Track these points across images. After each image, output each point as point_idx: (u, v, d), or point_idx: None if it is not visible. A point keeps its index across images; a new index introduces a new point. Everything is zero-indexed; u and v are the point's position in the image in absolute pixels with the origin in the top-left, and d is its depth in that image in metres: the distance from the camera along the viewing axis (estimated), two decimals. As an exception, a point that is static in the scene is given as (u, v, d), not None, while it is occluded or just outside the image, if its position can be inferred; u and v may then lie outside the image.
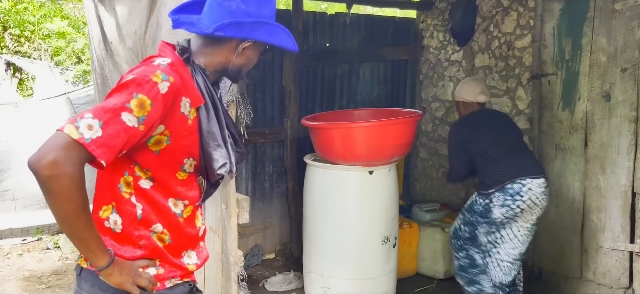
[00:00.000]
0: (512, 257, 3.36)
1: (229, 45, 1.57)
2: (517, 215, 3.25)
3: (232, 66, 1.61)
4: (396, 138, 3.45)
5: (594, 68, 3.71)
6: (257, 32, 1.55)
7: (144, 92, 1.37)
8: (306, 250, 3.69)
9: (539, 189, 3.20)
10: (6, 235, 4.82)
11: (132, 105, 1.36)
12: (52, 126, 4.99)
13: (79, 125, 1.30)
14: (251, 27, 1.53)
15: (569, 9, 3.85)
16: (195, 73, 1.55)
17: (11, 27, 5.09)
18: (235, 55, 1.58)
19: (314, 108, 4.68)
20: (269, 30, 1.57)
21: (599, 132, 3.70)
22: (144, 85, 1.38)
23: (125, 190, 1.51)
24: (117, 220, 1.53)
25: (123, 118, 1.35)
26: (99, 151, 1.30)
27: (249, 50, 1.60)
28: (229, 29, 1.50)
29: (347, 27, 4.76)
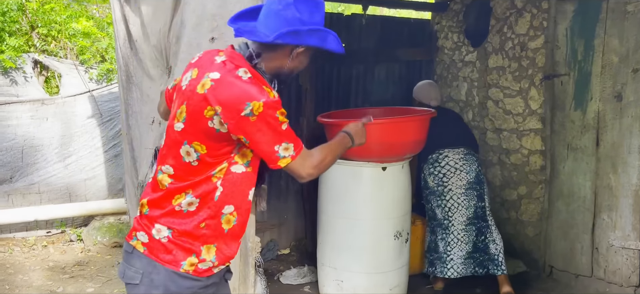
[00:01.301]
0: (464, 223, 3.86)
1: (284, 51, 1.71)
2: (447, 180, 3.86)
3: (287, 69, 1.75)
4: (409, 135, 3.54)
5: (606, 69, 3.76)
6: (311, 39, 1.69)
7: (278, 107, 1.62)
8: (320, 244, 3.79)
9: (456, 156, 3.89)
10: (32, 227, 4.99)
11: (281, 119, 1.64)
12: (77, 122, 5.12)
13: (284, 155, 1.66)
14: (306, 34, 1.67)
15: (582, 10, 3.91)
16: (263, 76, 1.70)
17: (39, 27, 5.28)
18: (290, 59, 1.73)
19: (330, 107, 4.77)
20: (321, 36, 1.71)
21: (611, 132, 3.75)
22: (273, 105, 1.60)
23: (216, 175, 1.68)
24: (193, 201, 1.68)
25: (285, 129, 1.66)
26: (299, 149, 1.70)
27: (302, 54, 1.74)
28: (287, 37, 1.64)
29: (363, 28, 4.85)
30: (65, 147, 5.12)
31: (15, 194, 4.92)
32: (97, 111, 5.23)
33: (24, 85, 5.02)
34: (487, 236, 3.88)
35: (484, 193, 3.93)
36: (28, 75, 5.05)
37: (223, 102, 1.59)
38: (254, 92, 1.59)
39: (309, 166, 1.73)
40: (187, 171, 1.68)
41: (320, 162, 1.77)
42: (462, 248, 3.87)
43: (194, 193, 1.68)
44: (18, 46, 4.91)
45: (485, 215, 3.90)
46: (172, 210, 1.69)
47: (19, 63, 4.95)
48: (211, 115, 1.61)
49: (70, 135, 5.14)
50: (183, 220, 1.68)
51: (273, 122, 1.61)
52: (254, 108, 1.57)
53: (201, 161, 1.67)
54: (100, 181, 5.28)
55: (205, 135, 1.65)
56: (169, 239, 1.69)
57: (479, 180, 3.90)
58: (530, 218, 4.40)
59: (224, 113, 1.59)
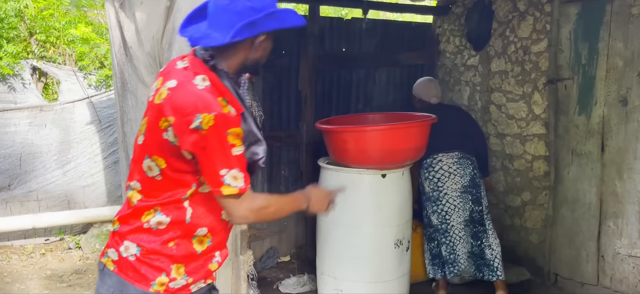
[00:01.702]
0: (461, 225, 3.81)
1: (244, 45, 1.59)
2: (442, 184, 3.82)
3: (251, 61, 1.64)
4: (409, 141, 3.47)
5: (611, 73, 3.68)
6: (269, 23, 1.57)
7: (230, 125, 1.49)
8: (319, 252, 3.73)
9: (450, 160, 3.83)
10: (30, 235, 4.95)
11: (232, 140, 1.50)
12: (75, 129, 5.07)
13: (230, 183, 1.52)
14: (263, 21, 1.55)
15: (586, 13, 3.83)
16: (223, 79, 1.58)
17: (37, 33, 5.25)
18: (252, 51, 1.61)
19: (330, 113, 4.72)
20: (279, 17, 1.59)
21: (616, 137, 3.67)
22: (224, 121, 1.47)
23: (185, 197, 1.58)
24: (162, 220, 1.58)
25: (236, 153, 1.52)
26: (247, 185, 1.56)
27: (264, 42, 1.63)
28: (244, 31, 1.52)
29: (364, 32, 4.79)
30: (63, 153, 5.08)
31: (14, 201, 4.88)
32: (96, 117, 5.19)
33: (22, 91, 4.98)
34: (483, 241, 3.81)
35: (480, 197, 3.86)
36: (26, 82, 5.01)
37: (174, 112, 1.49)
38: (207, 103, 1.47)
39: (246, 207, 1.57)
40: (153, 187, 1.59)
41: (261, 209, 1.61)
42: (465, 246, 3.84)
43: (164, 212, 1.58)
44: (16, 53, 4.87)
45: (482, 219, 3.84)
46: (141, 227, 1.59)
47: (17, 70, 4.91)
48: (166, 126, 1.52)
49: (69, 141, 5.10)
50: (151, 238, 1.59)
51: (222, 140, 1.48)
52: (204, 121, 1.45)
53: (164, 175, 1.56)
54: (99, 188, 5.24)
55: (161, 148, 1.55)
56: (137, 257, 1.59)
57: (474, 184, 3.84)
58: (535, 224, 4.32)
59: (175, 125, 1.49)
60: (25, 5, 5.09)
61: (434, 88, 4.22)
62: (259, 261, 4.56)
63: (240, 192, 1.53)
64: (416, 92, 4.24)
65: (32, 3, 5.21)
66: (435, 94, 4.18)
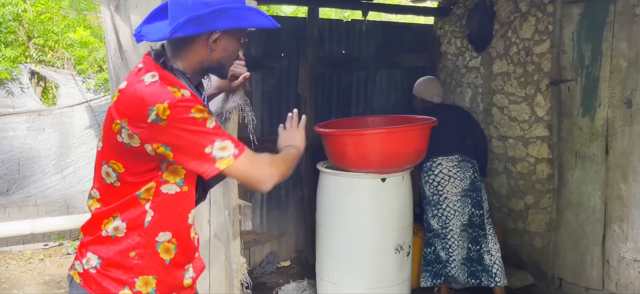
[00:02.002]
0: (459, 229, 3.75)
1: (199, 42, 1.48)
2: (442, 188, 3.76)
3: (211, 62, 1.52)
4: (409, 145, 3.42)
5: (615, 74, 3.62)
6: (220, 22, 1.44)
7: (191, 104, 1.38)
8: (319, 258, 3.67)
9: (450, 163, 3.77)
10: (28, 240, 4.92)
11: (199, 116, 1.39)
12: (74, 133, 5.03)
13: (223, 155, 1.41)
14: (211, 17, 1.42)
15: (589, 13, 3.77)
16: (178, 77, 1.48)
17: (36, 37, 5.22)
18: (209, 51, 1.49)
19: (330, 116, 4.67)
20: (234, 15, 1.45)
21: (621, 139, 3.60)
22: (181, 103, 1.37)
23: (143, 197, 1.47)
24: (119, 226, 1.48)
25: (211, 126, 1.41)
26: (242, 147, 1.45)
27: (222, 41, 1.50)
28: (187, 27, 1.40)
29: (363, 34, 4.74)
30: (62, 158, 5.05)
31: (12, 207, 4.85)
32: (94, 121, 5.16)
33: (20, 96, 4.96)
34: (482, 246, 3.74)
35: (481, 200, 3.78)
36: (25, 86, 4.99)
37: (126, 112, 1.41)
38: (157, 94, 1.37)
39: (265, 165, 1.47)
40: (111, 194, 1.49)
41: (273, 160, 1.52)
42: (460, 252, 3.77)
43: (122, 216, 1.48)
44: (14, 57, 4.85)
45: (483, 223, 3.76)
46: (100, 236, 1.50)
47: (15, 74, 4.89)
48: (118, 129, 1.43)
49: (68, 146, 5.07)
50: (110, 248, 1.49)
51: (189, 121, 1.37)
52: (159, 111, 1.36)
53: (123, 181, 1.47)
54: (98, 192, 5.20)
55: (117, 151, 1.45)
56: (97, 270, 1.49)
57: (474, 187, 3.77)
58: (538, 228, 4.25)
59: (130, 124, 1.40)
60: (23, 10, 5.06)
61: (435, 87, 4.16)
62: (258, 266, 4.51)
63: (237, 157, 1.42)
64: (417, 92, 4.18)
65: (31, 7, 5.18)
66: (437, 93, 4.12)
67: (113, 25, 3.36)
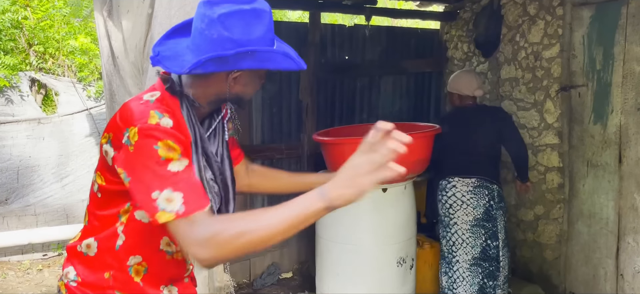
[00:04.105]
0: (468, 262, 3.47)
1: (219, 76, 1.38)
2: (453, 212, 3.48)
3: (229, 96, 1.42)
4: (411, 153, 3.25)
5: (628, 79, 3.45)
6: (244, 62, 1.32)
7: (160, 137, 1.25)
8: (319, 271, 3.55)
9: (464, 187, 3.45)
10: (27, 250, 4.85)
11: (164, 154, 1.23)
12: (74, 141, 4.95)
13: (165, 208, 1.21)
14: (235, 59, 1.30)
15: (600, 16, 3.61)
16: (182, 106, 1.39)
17: (36, 45, 5.17)
18: (228, 86, 1.39)
19: (332, 123, 4.56)
20: (261, 58, 1.33)
21: (635, 147, 3.43)
22: (151, 133, 1.24)
23: (121, 220, 1.42)
24: (91, 244, 1.43)
25: (172, 170, 1.24)
26: (190, 208, 1.21)
27: (243, 78, 1.40)
28: (209, 65, 1.29)
29: (367, 39, 4.63)
30: (62, 166, 4.98)
31: (11, 216, 4.79)
32: (95, 129, 5.09)
33: (20, 104, 4.90)
34: (498, 281, 3.46)
35: (497, 231, 3.44)
36: (24, 94, 4.94)
37: (112, 127, 1.34)
38: (137, 115, 1.27)
39: (194, 241, 1.18)
40: (94, 203, 1.45)
41: (214, 236, 1.18)
42: (467, 289, 3.48)
43: (96, 235, 1.43)
44: (14, 65, 4.80)
45: (498, 255, 3.46)
46: (75, 250, 1.46)
47: (15, 82, 4.83)
48: (104, 142, 1.37)
49: (68, 154, 5.00)
50: (85, 267, 1.44)
51: (150, 155, 1.23)
52: (131, 134, 1.25)
53: (103, 193, 1.41)
54: (98, 201, 5.12)
55: (102, 164, 1.40)
56: (77, 283, 1.44)
57: (489, 217, 3.43)
58: (549, 240, 4.08)
59: (113, 139, 1.33)
60: (24, 17, 5.01)
61: (475, 79, 3.58)
62: (259, 278, 4.39)
63: (179, 217, 1.20)
64: (454, 87, 3.60)
65: (31, 14, 5.14)
66: (479, 86, 3.56)
67: (106, 32, 3.28)
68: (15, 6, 4.98)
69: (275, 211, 1.19)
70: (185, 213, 1.20)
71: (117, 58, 3.12)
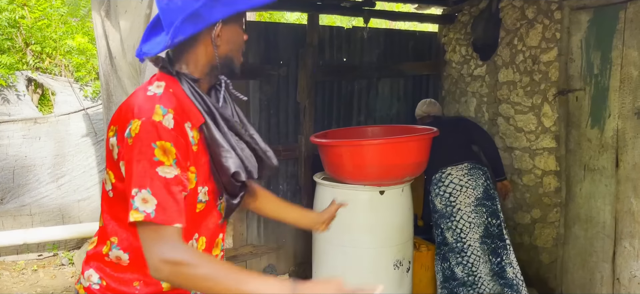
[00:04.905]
0: (478, 242, 3.58)
1: (203, 41, 1.39)
2: (454, 199, 3.61)
3: (219, 59, 1.42)
4: (409, 156, 3.28)
5: (625, 83, 3.46)
6: (216, 11, 1.33)
7: (159, 137, 1.25)
8: (315, 274, 3.54)
9: (460, 172, 3.64)
10: (22, 251, 4.83)
11: (159, 156, 1.24)
12: (70, 141, 4.93)
13: (138, 206, 1.22)
14: (206, 10, 1.32)
15: (598, 20, 3.62)
16: (183, 84, 1.39)
17: (33, 44, 5.15)
18: (215, 47, 1.39)
19: (330, 125, 4.55)
20: (225, 1, 1.34)
21: (632, 152, 3.44)
22: (152, 130, 1.24)
23: None
24: (121, 256, 1.40)
25: (161, 174, 1.24)
26: (163, 217, 1.22)
27: (225, 33, 1.40)
28: (185, 26, 1.31)
29: (365, 41, 4.62)
30: (58, 166, 4.96)
31: (6, 216, 4.76)
32: (91, 129, 5.07)
33: (16, 103, 4.88)
34: (504, 258, 3.58)
35: (497, 209, 3.64)
36: (21, 93, 4.92)
37: (117, 120, 1.34)
38: (142, 109, 1.27)
39: (159, 254, 1.20)
40: (107, 203, 1.43)
41: (180, 265, 1.19)
42: (486, 265, 3.59)
43: (122, 245, 1.40)
44: (10, 64, 4.78)
45: (501, 233, 3.60)
46: (103, 258, 1.43)
47: (11, 82, 4.81)
48: (111, 135, 1.36)
49: (64, 154, 4.98)
50: (113, 273, 1.41)
51: (145, 151, 1.23)
52: (132, 127, 1.25)
53: (115, 191, 1.39)
54: (94, 202, 5.10)
55: (109, 160, 1.39)
56: (101, 287, 1.42)
57: (488, 195, 3.62)
58: (545, 243, 4.08)
59: (118, 133, 1.32)
60: (21, 16, 5.00)
61: (433, 105, 4.24)
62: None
63: (148, 220, 1.20)
64: (418, 114, 4.28)
65: (29, 13, 5.12)
66: (438, 110, 4.23)
67: (103, 32, 3.27)
68: (13, 5, 4.96)
69: (240, 278, 1.20)
70: (155, 220, 1.21)
71: (115, 58, 3.11)
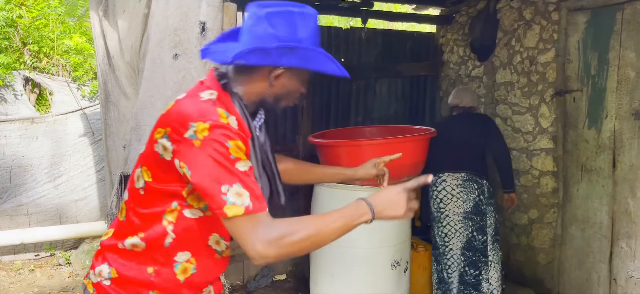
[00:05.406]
0: (460, 251, 3.59)
1: (261, 73, 1.44)
2: (444, 206, 3.61)
3: (268, 96, 1.47)
4: (407, 156, 3.26)
5: (622, 84, 3.47)
6: (286, 58, 1.39)
7: (230, 137, 1.30)
8: (313, 274, 3.53)
9: (454, 181, 3.59)
10: (19, 250, 4.81)
11: (234, 153, 1.30)
12: (68, 141, 4.89)
13: (235, 201, 1.28)
14: (278, 52, 1.37)
15: (595, 21, 3.63)
16: (234, 103, 1.43)
17: (30, 44, 5.14)
18: (269, 85, 1.45)
19: (328, 125, 4.55)
20: (303, 56, 1.39)
21: (629, 152, 3.45)
22: (223, 131, 1.30)
23: (167, 219, 1.43)
24: (138, 243, 1.44)
25: (241, 169, 1.30)
26: (258, 205, 1.30)
27: (283, 78, 1.45)
28: (251, 56, 1.36)
29: (363, 42, 4.63)
30: (55, 166, 4.95)
31: (3, 216, 4.74)
32: (89, 129, 5.06)
33: (13, 103, 4.87)
34: (482, 273, 3.55)
35: (485, 225, 3.55)
36: (18, 93, 4.90)
37: (171, 122, 1.36)
38: (204, 112, 1.32)
39: (262, 239, 1.27)
40: (135, 199, 1.46)
41: (284, 238, 1.29)
42: (458, 273, 3.62)
43: (141, 233, 1.43)
44: (7, 63, 4.76)
45: (485, 249, 3.54)
46: (116, 247, 1.46)
47: (9, 81, 4.80)
48: (158, 137, 1.38)
49: (61, 154, 4.97)
50: (126, 262, 1.45)
51: (220, 152, 1.28)
52: (198, 130, 1.29)
53: (147, 190, 1.42)
54: (92, 202, 5.09)
55: (151, 159, 1.41)
56: (111, 281, 1.45)
57: (478, 211, 3.55)
58: (542, 244, 4.09)
59: (170, 135, 1.35)
60: (18, 15, 4.98)
61: (462, 93, 3.94)
62: (253, 280, 4.38)
63: (248, 212, 1.27)
64: (470, 103, 3.90)
65: (26, 13, 5.11)
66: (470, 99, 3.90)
67: (101, 31, 3.27)
68: (10, 5, 4.95)
69: (331, 218, 1.39)
70: (253, 210, 1.28)
71: (113, 58, 3.11)
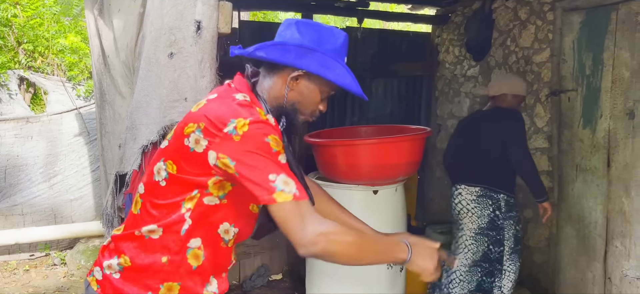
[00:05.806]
0: (466, 267, 3.53)
1: (281, 77, 1.49)
2: (461, 219, 3.54)
3: (286, 101, 1.50)
4: (402, 156, 3.28)
5: (617, 84, 3.49)
6: (305, 60, 1.42)
7: (270, 131, 1.35)
8: (309, 273, 3.53)
9: (469, 196, 3.47)
10: (14, 250, 4.79)
11: (275, 147, 1.35)
12: (63, 141, 4.87)
13: (283, 188, 1.32)
14: (297, 51, 1.43)
15: (590, 21, 3.64)
16: (261, 102, 1.48)
17: (25, 43, 5.13)
18: (287, 87, 1.48)
19: (324, 125, 4.55)
20: (320, 61, 1.43)
21: (623, 152, 3.47)
22: (263, 126, 1.35)
23: (186, 206, 1.45)
24: (154, 229, 1.46)
25: (282, 161, 1.36)
26: (303, 194, 1.35)
27: (302, 84, 1.48)
28: (271, 50, 1.42)
29: (359, 41, 4.63)
30: (50, 166, 4.93)
31: (-3, 216, 4.73)
32: (84, 129, 5.04)
33: (8, 102, 4.85)
34: (496, 281, 3.52)
35: (502, 238, 3.45)
36: (13, 93, 4.88)
37: (208, 117, 1.39)
38: (243, 111, 1.37)
39: (314, 228, 1.31)
40: (153, 192, 1.48)
41: (336, 235, 1.34)
42: (464, 287, 3.55)
43: (159, 223, 1.46)
44: (2, 63, 4.75)
45: (501, 258, 3.48)
46: (132, 234, 1.48)
47: (3, 81, 4.78)
48: (190, 131, 1.41)
49: (56, 154, 4.95)
50: (141, 250, 1.46)
51: (262, 145, 1.33)
52: (238, 125, 1.33)
53: (169, 182, 1.45)
54: (87, 202, 5.08)
55: (179, 153, 1.44)
56: (120, 274, 1.47)
57: (494, 226, 3.43)
58: (538, 243, 4.11)
59: (206, 129, 1.38)
60: (13, 15, 4.97)
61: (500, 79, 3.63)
62: (248, 280, 4.37)
63: (296, 199, 1.31)
64: (506, 90, 3.48)
65: (21, 12, 5.09)
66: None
67: (96, 30, 3.25)
68: (5, 4, 4.93)
69: (376, 240, 1.51)
70: (301, 197, 1.32)
71: (108, 57, 3.09)
